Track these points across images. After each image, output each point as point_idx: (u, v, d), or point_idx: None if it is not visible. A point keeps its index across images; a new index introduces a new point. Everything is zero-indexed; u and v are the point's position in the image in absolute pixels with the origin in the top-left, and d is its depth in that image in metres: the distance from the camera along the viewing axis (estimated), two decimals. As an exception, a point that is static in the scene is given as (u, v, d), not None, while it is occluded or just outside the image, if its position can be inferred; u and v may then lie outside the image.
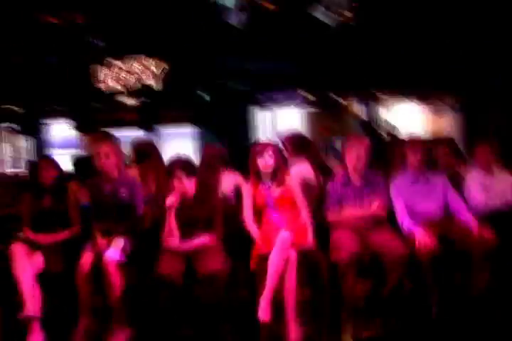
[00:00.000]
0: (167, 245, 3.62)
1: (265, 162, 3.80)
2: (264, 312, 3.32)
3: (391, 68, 8.67)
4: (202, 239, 3.63)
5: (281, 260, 3.40)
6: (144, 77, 7.20)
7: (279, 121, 9.76)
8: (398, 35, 8.44)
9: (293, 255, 3.44)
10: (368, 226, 3.76)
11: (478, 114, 8.33)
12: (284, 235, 3.46)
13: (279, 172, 3.85)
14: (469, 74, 8.28)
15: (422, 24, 8.20)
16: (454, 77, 8.46)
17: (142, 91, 7.36)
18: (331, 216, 3.86)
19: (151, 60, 7.29)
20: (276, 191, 3.83)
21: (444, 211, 3.91)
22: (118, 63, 7.24)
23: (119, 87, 7.26)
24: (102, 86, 7.26)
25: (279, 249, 3.41)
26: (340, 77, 8.82)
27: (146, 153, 4.36)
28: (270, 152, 3.82)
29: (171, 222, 3.62)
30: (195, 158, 4.27)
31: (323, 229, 3.83)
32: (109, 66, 7.27)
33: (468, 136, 8.43)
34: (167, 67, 7.37)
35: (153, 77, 7.20)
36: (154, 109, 7.76)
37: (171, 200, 3.61)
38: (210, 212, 3.70)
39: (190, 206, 3.68)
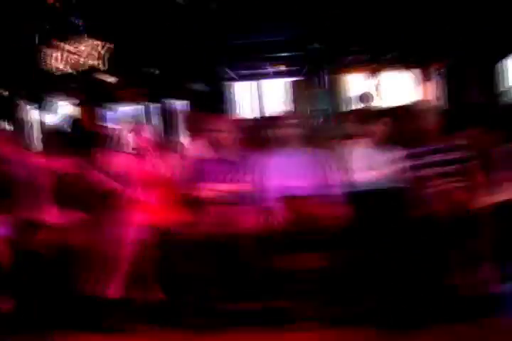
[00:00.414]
0: (43, 220, 3.94)
1: (138, 139, 4.19)
2: (117, 288, 3.62)
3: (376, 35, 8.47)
4: (71, 215, 3.93)
5: (132, 240, 3.67)
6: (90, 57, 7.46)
7: (263, 91, 9.83)
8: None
9: (146, 234, 3.72)
10: (233, 202, 3.88)
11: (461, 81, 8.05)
12: (132, 217, 3.72)
13: (152, 149, 4.19)
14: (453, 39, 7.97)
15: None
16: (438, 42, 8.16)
17: (90, 71, 7.65)
18: (202, 192, 4.01)
19: (95, 41, 7.53)
20: (149, 166, 4.14)
21: (317, 188, 3.95)
22: (66, 45, 7.54)
23: (68, 69, 7.59)
24: (52, 68, 7.60)
25: (128, 230, 3.69)
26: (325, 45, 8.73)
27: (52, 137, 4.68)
28: (143, 131, 4.25)
29: (47, 200, 3.95)
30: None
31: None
32: (58, 48, 7.60)
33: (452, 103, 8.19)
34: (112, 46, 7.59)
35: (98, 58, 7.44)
36: (108, 88, 8.08)
37: (43, 180, 3.92)
38: (83, 190, 3.98)
39: (67, 184, 3.99)
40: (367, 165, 4.05)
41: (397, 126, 4.34)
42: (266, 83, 9.75)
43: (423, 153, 3.96)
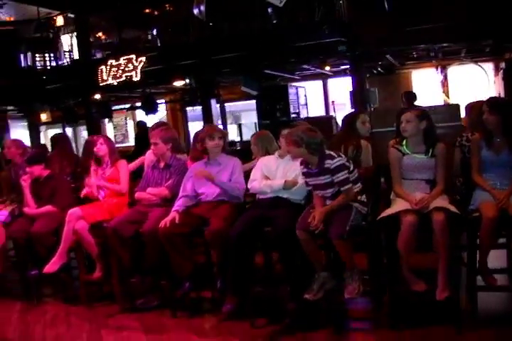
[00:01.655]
0: (24, 211, 5.08)
1: (98, 149, 4.98)
2: (53, 265, 4.62)
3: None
4: (45, 208, 4.99)
5: (69, 229, 4.60)
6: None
7: (330, 89, 9.90)
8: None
9: (83, 225, 4.61)
10: (153, 204, 4.58)
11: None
12: (71, 211, 4.65)
13: (110, 157, 4.98)
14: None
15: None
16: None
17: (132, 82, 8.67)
18: (136, 195, 4.76)
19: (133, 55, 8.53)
20: (107, 172, 4.98)
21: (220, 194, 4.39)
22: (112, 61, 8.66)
23: (114, 82, 8.71)
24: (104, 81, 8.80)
25: (66, 221, 4.63)
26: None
27: (55, 142, 5.85)
28: (101, 141, 5.00)
29: (27, 195, 5.06)
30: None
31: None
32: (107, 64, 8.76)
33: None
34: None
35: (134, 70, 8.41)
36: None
37: (23, 180, 5.04)
38: (52, 190, 5.02)
39: (40, 185, 5.07)
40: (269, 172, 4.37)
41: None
42: (332, 82, 9.88)
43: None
